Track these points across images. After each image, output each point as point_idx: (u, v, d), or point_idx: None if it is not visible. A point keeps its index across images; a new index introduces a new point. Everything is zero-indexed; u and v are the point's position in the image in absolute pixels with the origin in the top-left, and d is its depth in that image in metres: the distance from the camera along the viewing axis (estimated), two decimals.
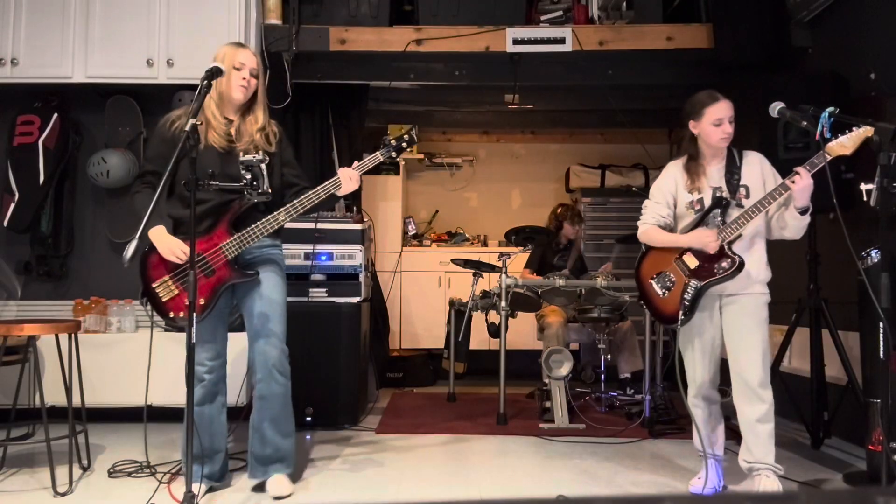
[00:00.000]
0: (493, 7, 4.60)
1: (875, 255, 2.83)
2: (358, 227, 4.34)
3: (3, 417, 3.35)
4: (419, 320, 6.33)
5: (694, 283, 2.83)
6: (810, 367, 3.60)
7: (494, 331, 4.69)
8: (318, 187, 2.82)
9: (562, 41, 4.48)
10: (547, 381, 4.22)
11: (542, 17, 4.76)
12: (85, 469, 3.20)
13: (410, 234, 6.67)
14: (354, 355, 4.19)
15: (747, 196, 2.86)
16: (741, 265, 2.78)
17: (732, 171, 2.90)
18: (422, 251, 6.54)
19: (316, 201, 2.80)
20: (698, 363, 2.93)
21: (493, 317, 4.83)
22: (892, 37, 3.41)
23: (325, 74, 4.70)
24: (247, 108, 2.91)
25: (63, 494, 2.87)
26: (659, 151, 6.65)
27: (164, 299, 2.75)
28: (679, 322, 2.83)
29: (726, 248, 2.80)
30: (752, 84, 4.08)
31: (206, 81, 2.62)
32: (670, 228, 2.98)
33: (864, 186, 2.75)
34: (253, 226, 2.76)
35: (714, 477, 2.93)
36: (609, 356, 4.72)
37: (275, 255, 2.95)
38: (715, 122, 2.83)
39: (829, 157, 2.65)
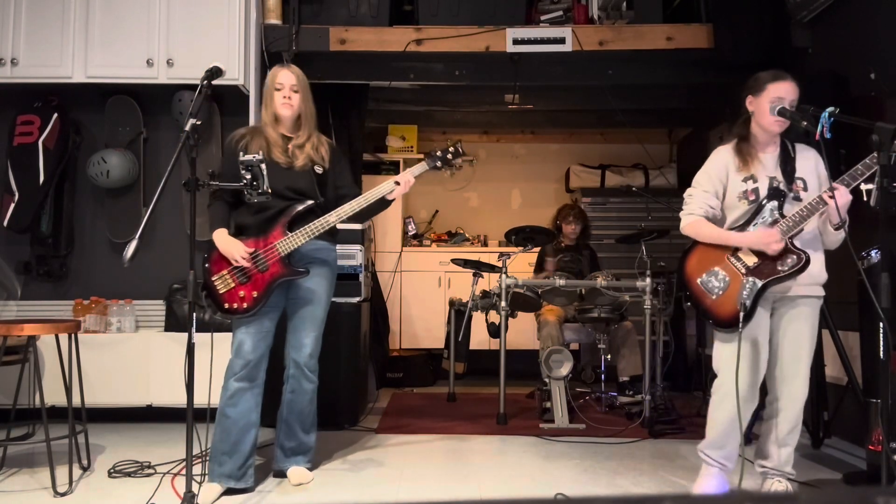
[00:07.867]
0: (493, 7, 4.59)
1: (875, 255, 2.83)
2: (358, 227, 4.34)
3: (3, 417, 3.35)
4: (419, 320, 6.33)
5: (752, 281, 2.58)
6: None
7: (494, 331, 4.69)
8: (372, 191, 3.01)
9: (562, 41, 4.47)
10: (547, 381, 4.22)
11: (542, 17, 4.75)
12: (85, 469, 3.20)
13: (410, 234, 6.67)
14: (354, 355, 4.19)
15: (805, 189, 2.66)
16: (808, 261, 2.55)
17: (787, 160, 2.69)
18: (422, 251, 6.54)
19: (365, 205, 2.99)
20: (752, 366, 2.63)
21: (493, 317, 4.82)
22: (892, 37, 3.41)
23: (325, 74, 4.70)
24: (299, 124, 3.11)
25: (63, 494, 2.87)
26: (659, 151, 6.66)
27: (220, 291, 2.91)
28: (740, 326, 2.53)
29: (789, 243, 2.59)
30: None
31: (206, 81, 2.66)
32: (718, 221, 2.74)
33: (864, 186, 2.73)
34: (305, 226, 2.93)
35: (721, 485, 2.74)
36: (609, 356, 4.72)
37: (328, 258, 3.13)
38: (774, 102, 2.64)
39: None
